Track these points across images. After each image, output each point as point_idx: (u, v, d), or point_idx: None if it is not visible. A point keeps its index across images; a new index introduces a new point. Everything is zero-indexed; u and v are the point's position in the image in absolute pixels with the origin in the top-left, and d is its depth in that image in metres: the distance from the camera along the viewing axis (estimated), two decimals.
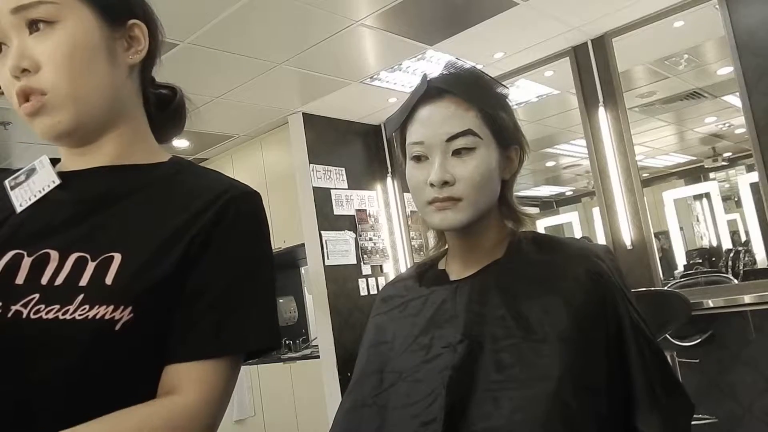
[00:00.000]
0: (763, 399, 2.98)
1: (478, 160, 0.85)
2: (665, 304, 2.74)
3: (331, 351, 4.02)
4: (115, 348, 0.64)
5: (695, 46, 3.72)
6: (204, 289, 0.68)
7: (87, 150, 0.75)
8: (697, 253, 4.04)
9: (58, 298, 0.64)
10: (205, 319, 0.67)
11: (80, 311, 0.63)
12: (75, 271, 0.66)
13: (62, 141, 0.74)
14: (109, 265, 0.66)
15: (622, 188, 3.50)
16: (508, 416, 0.76)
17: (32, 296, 0.64)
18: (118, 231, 0.69)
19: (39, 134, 0.72)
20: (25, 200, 0.72)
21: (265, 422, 4.48)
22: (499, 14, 3.13)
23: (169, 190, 0.74)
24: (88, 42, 0.71)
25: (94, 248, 0.67)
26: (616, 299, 0.83)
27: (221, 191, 0.72)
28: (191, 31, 2.85)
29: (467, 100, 0.86)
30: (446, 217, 0.86)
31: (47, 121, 0.69)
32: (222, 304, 0.68)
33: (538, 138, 4.94)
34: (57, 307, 0.63)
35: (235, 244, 0.71)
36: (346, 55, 3.42)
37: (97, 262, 0.66)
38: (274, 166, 4.58)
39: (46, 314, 0.63)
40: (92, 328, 0.63)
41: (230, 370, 0.69)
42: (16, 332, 0.63)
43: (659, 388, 0.81)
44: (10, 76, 0.69)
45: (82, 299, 0.64)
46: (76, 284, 0.65)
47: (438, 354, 0.84)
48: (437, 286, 0.94)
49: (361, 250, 4.39)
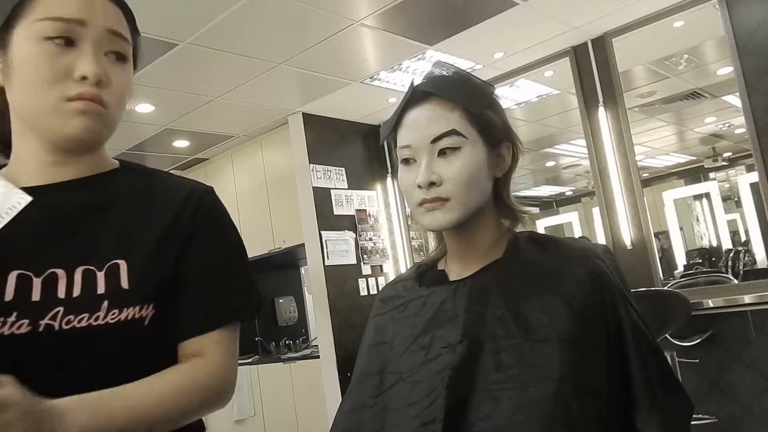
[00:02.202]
0: (763, 399, 2.98)
1: (463, 159, 0.86)
2: (665, 304, 2.74)
3: (331, 351, 4.02)
4: (147, 340, 0.74)
5: (695, 46, 3.72)
6: (203, 273, 0.80)
7: (70, 161, 0.78)
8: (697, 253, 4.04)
9: (84, 308, 0.71)
10: (213, 296, 0.80)
11: (111, 316, 0.71)
12: (87, 282, 0.73)
13: (73, 149, 0.77)
14: (119, 272, 0.74)
15: (622, 188, 3.50)
16: (508, 416, 0.76)
17: (56, 309, 0.70)
18: (113, 239, 0.76)
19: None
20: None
21: (265, 422, 4.48)
22: (499, 14, 3.13)
23: (144, 195, 0.82)
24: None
25: (97, 259, 0.74)
26: (615, 299, 0.83)
27: (190, 191, 0.83)
28: (191, 31, 2.85)
29: (451, 100, 0.87)
30: (436, 218, 0.86)
31: None
32: (222, 281, 0.81)
33: (538, 138, 4.94)
34: (86, 315, 0.71)
35: (216, 231, 0.84)
36: (346, 55, 3.42)
37: (104, 271, 0.74)
38: (274, 166, 4.58)
39: (78, 323, 0.70)
40: (126, 328, 0.72)
41: (236, 332, 0.83)
42: (53, 344, 0.69)
43: (659, 388, 0.81)
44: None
45: (108, 305, 0.72)
46: (95, 293, 0.72)
47: (438, 354, 0.84)
48: (437, 286, 0.94)
49: (361, 250, 4.39)
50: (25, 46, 0.73)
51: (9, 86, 0.76)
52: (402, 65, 3.66)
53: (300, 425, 4.24)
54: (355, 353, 1.01)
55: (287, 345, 4.80)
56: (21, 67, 0.73)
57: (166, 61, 3.09)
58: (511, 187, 0.96)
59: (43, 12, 0.72)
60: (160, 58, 3.05)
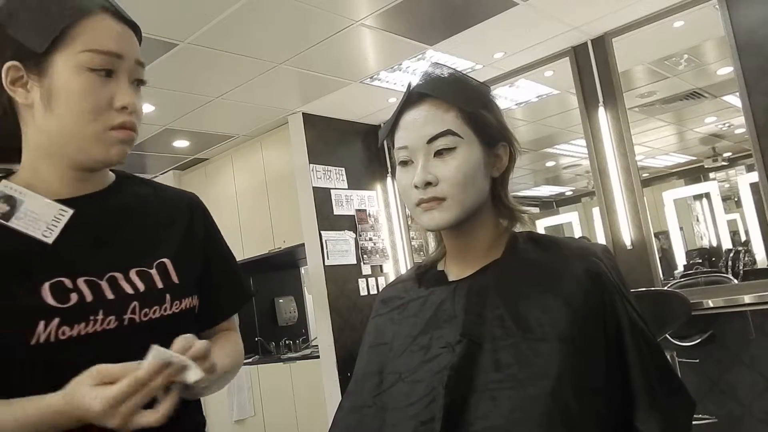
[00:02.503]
0: (763, 399, 2.98)
1: (459, 159, 0.86)
2: (665, 304, 2.74)
3: (331, 351, 4.02)
4: (195, 324, 0.91)
5: (695, 46, 3.72)
6: (218, 267, 0.99)
7: (90, 176, 0.86)
8: (697, 253, 4.04)
9: (154, 301, 0.83)
10: (232, 285, 1.03)
11: (174, 306, 0.85)
12: (145, 280, 0.84)
13: (88, 169, 0.85)
14: (167, 268, 0.87)
15: (622, 188, 3.50)
16: (507, 415, 0.76)
17: (132, 305, 0.81)
18: (148, 242, 0.88)
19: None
20: (42, 230, 0.79)
21: (265, 422, 4.48)
22: (499, 14, 3.13)
23: (151, 202, 0.93)
24: None
25: (144, 259, 0.85)
26: (614, 298, 0.83)
27: (189, 198, 0.99)
28: (191, 31, 2.85)
29: (446, 101, 0.88)
30: (433, 217, 0.87)
31: None
32: (231, 273, 1.03)
33: (538, 138, 4.94)
34: (157, 308, 0.83)
35: (217, 232, 1.02)
36: (346, 55, 3.42)
37: (154, 269, 0.85)
38: (274, 166, 4.58)
39: (153, 315, 0.83)
40: (185, 316, 0.87)
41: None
42: (138, 335, 0.79)
43: (658, 386, 0.81)
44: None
45: (170, 297, 0.85)
46: (156, 288, 0.84)
47: (437, 354, 0.85)
48: (436, 286, 0.94)
49: (361, 250, 4.39)
50: (69, 75, 0.77)
51: (48, 111, 0.79)
52: (402, 65, 3.66)
53: (300, 425, 4.24)
54: (355, 353, 1.01)
55: (287, 345, 4.80)
56: (65, 96, 0.78)
57: (166, 61, 3.09)
58: (512, 188, 0.97)
59: (87, 44, 0.78)
60: (160, 58, 3.05)
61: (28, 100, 0.79)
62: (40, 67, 0.78)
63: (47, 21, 0.77)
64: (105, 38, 0.79)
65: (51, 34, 0.77)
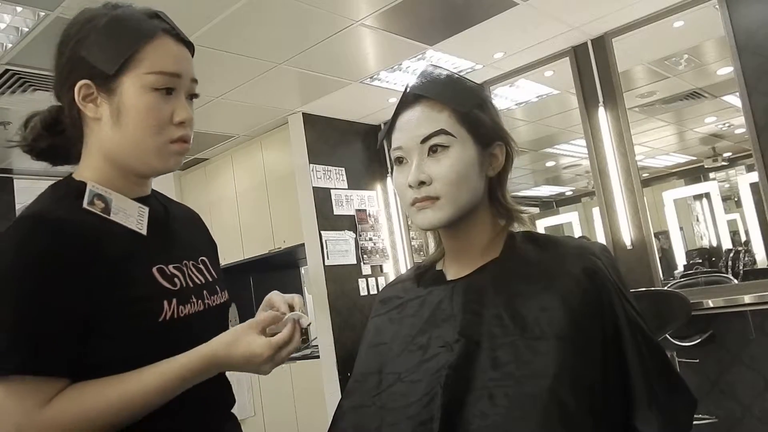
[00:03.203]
0: (763, 399, 2.98)
1: (452, 158, 0.87)
2: (665, 304, 2.74)
3: (331, 351, 4.02)
4: (228, 313, 1.03)
5: (695, 46, 3.72)
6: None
7: (145, 181, 0.95)
8: (697, 253, 4.04)
9: (216, 290, 0.98)
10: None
11: (223, 296, 1.00)
12: (201, 272, 0.96)
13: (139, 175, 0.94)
14: (207, 265, 0.99)
15: (622, 188, 3.50)
16: (504, 413, 0.76)
17: (205, 291, 0.94)
18: (190, 241, 1.00)
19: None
20: (134, 223, 0.90)
21: (265, 422, 4.48)
22: (499, 14, 3.13)
23: (178, 208, 1.05)
24: None
25: (194, 255, 0.97)
26: (612, 297, 0.83)
27: (193, 210, 1.12)
28: (191, 31, 2.85)
29: (440, 101, 0.89)
30: (427, 216, 0.88)
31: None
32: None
33: (538, 138, 4.93)
34: (216, 296, 0.97)
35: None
36: (346, 55, 3.42)
37: (200, 263, 0.97)
38: (274, 166, 4.58)
39: (219, 301, 0.98)
40: (227, 306, 1.01)
41: None
42: (215, 318, 0.95)
43: (657, 384, 0.81)
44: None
45: (220, 288, 0.99)
46: (209, 280, 0.97)
47: (435, 354, 0.85)
48: (434, 286, 0.94)
49: (361, 250, 4.39)
50: (136, 95, 0.86)
51: (116, 125, 0.87)
52: (402, 65, 3.66)
53: (300, 425, 4.24)
54: (355, 353, 1.01)
55: None
56: (133, 113, 0.86)
57: None
58: (512, 188, 0.97)
59: (152, 66, 0.86)
60: None
61: (97, 115, 0.88)
62: (109, 86, 0.86)
63: (117, 45, 0.86)
64: (167, 60, 0.88)
65: (120, 58, 0.85)
